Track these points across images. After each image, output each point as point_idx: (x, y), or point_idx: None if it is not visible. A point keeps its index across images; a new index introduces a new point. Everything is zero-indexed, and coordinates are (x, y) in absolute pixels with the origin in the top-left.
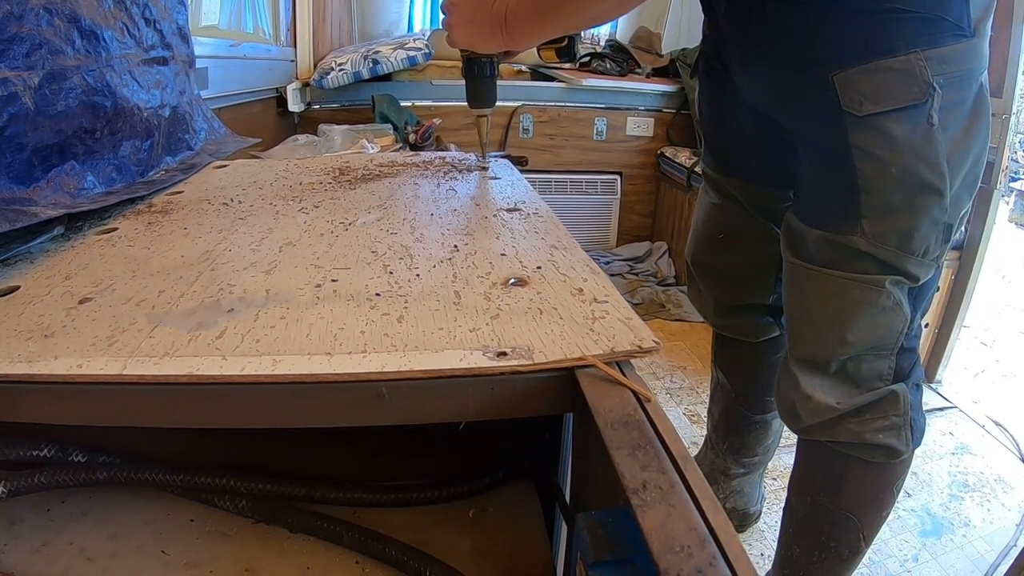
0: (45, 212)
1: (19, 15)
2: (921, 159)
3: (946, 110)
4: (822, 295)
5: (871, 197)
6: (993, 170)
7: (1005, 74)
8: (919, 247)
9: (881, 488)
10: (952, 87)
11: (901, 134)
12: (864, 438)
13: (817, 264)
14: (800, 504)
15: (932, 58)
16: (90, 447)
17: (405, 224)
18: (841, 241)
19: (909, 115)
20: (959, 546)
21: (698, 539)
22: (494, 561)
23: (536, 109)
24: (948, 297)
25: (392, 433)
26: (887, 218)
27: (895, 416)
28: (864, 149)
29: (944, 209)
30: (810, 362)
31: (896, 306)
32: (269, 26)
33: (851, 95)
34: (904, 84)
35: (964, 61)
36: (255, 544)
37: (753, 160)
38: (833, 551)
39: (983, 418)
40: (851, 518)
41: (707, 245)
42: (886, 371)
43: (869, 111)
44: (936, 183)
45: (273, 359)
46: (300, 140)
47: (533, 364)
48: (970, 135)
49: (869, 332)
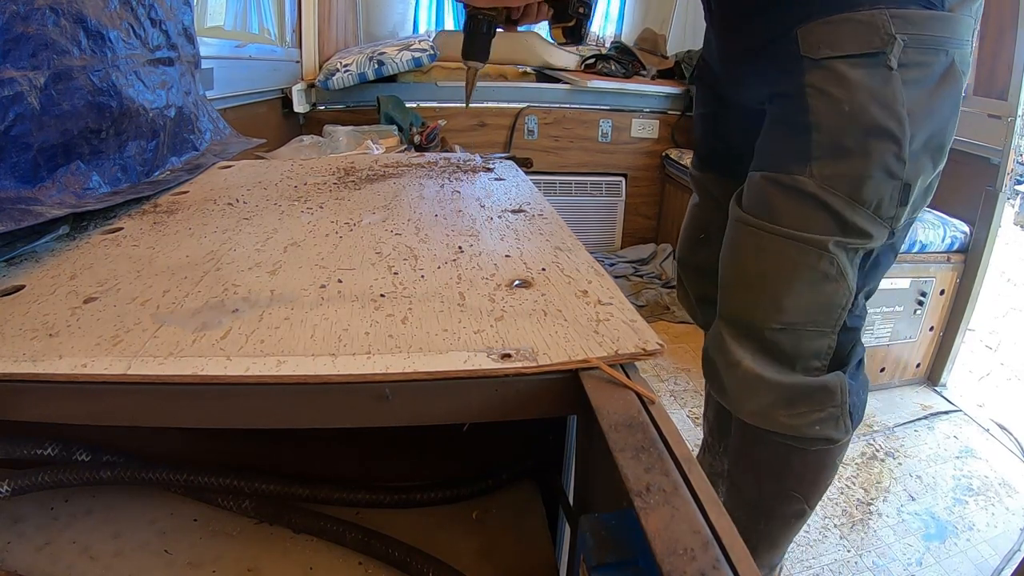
0: (50, 212)
1: (25, 15)
2: (877, 101)
3: (909, 67)
4: (758, 254)
5: (822, 135)
6: (998, 173)
7: (1010, 77)
8: (871, 198)
9: (823, 468)
10: (916, 49)
11: (856, 77)
12: (801, 431)
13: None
14: (743, 481)
15: (897, 16)
16: (94, 446)
17: (410, 225)
18: (787, 181)
19: (866, 61)
20: (963, 550)
21: (701, 542)
22: (497, 562)
23: (541, 111)
24: (953, 300)
25: (396, 434)
26: (838, 161)
27: (832, 407)
28: (818, 87)
29: (901, 161)
30: (741, 324)
31: (840, 276)
32: (274, 27)
33: (810, 42)
34: (864, 34)
35: (931, 29)
36: (258, 544)
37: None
38: (779, 520)
39: (988, 421)
40: (795, 495)
41: (689, 245)
42: (824, 350)
43: (826, 55)
44: (892, 128)
45: (277, 360)
46: (305, 141)
47: (537, 366)
48: (935, 98)
49: (808, 300)
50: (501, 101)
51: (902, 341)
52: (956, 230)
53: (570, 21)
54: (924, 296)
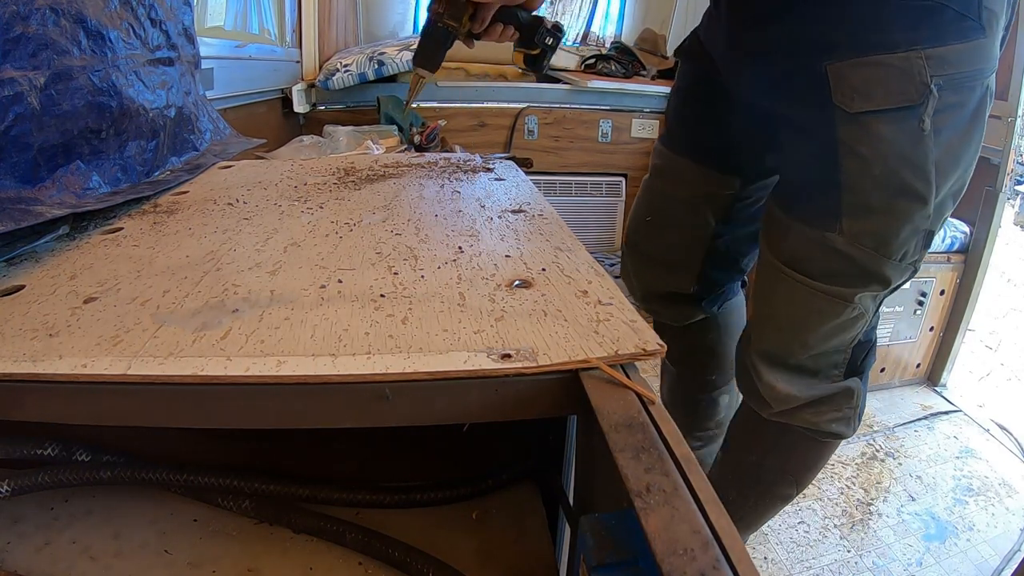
0: (50, 211)
1: (25, 15)
2: (908, 164)
3: (942, 113)
4: (789, 301)
5: (852, 196)
6: (998, 173)
7: (1011, 77)
8: (896, 251)
9: (823, 458)
10: (952, 89)
11: (889, 135)
12: (819, 427)
13: (790, 265)
14: (744, 461)
15: (933, 57)
16: (94, 446)
17: (410, 225)
18: (818, 238)
19: (900, 116)
20: (963, 550)
21: (702, 542)
22: (497, 563)
23: (541, 111)
24: (953, 300)
25: (396, 434)
26: (866, 219)
27: (848, 408)
28: (850, 146)
29: (927, 216)
30: (772, 356)
31: (860, 315)
32: (274, 27)
33: (843, 88)
34: (899, 83)
35: (969, 62)
36: (258, 544)
37: (710, 142)
38: (768, 499)
39: (988, 422)
40: (791, 479)
41: (637, 227)
42: (840, 362)
43: (860, 108)
44: (921, 190)
45: (277, 360)
46: (305, 141)
47: (537, 366)
48: (965, 142)
49: (829, 337)
50: (501, 101)
51: (902, 341)
52: (956, 230)
53: (535, 49)
54: (924, 296)
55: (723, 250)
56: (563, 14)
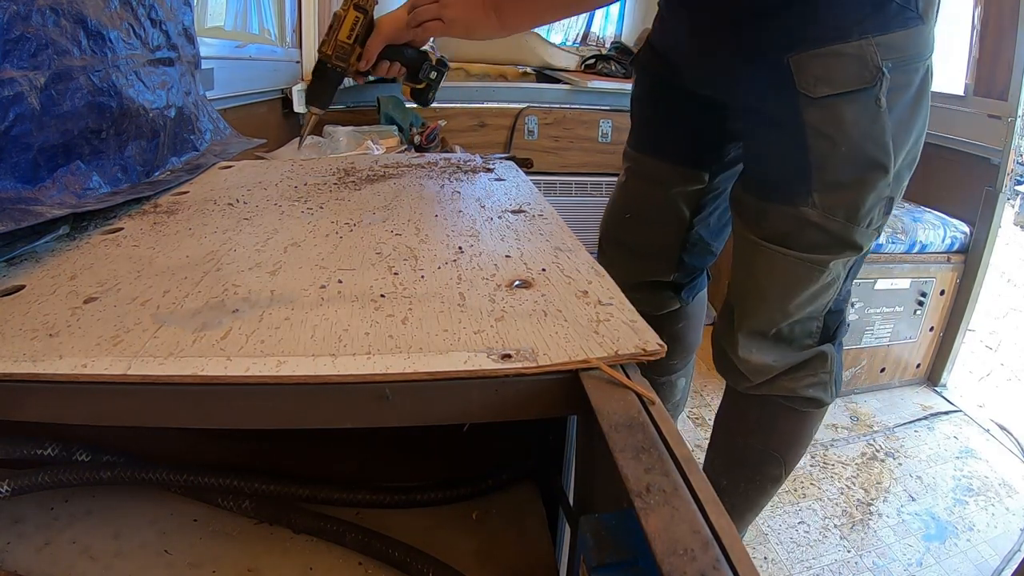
0: (50, 212)
1: (25, 15)
2: (870, 139)
3: (893, 92)
4: (770, 271)
5: (823, 173)
6: (998, 173)
7: (1010, 77)
8: (864, 219)
9: (805, 432)
10: (899, 71)
11: (851, 115)
12: (797, 392)
13: (769, 240)
14: (730, 444)
15: (882, 44)
16: (94, 446)
17: (410, 225)
18: (793, 213)
19: (859, 97)
20: (963, 550)
21: (702, 542)
22: (497, 563)
23: (541, 111)
24: (953, 300)
25: (396, 434)
26: (836, 192)
27: (823, 373)
28: (817, 128)
29: (888, 184)
30: (754, 330)
31: (833, 281)
32: (275, 27)
33: (806, 77)
34: (855, 67)
35: (912, 46)
36: (258, 544)
37: (675, 142)
38: (758, 484)
39: (988, 422)
40: (776, 456)
41: (615, 221)
42: (814, 330)
43: (823, 93)
44: (883, 161)
45: (277, 360)
46: (305, 141)
47: (537, 366)
48: (914, 115)
49: (806, 304)
50: (501, 101)
51: (902, 341)
52: (956, 230)
53: (420, 84)
54: (924, 296)
55: (696, 239)
56: None
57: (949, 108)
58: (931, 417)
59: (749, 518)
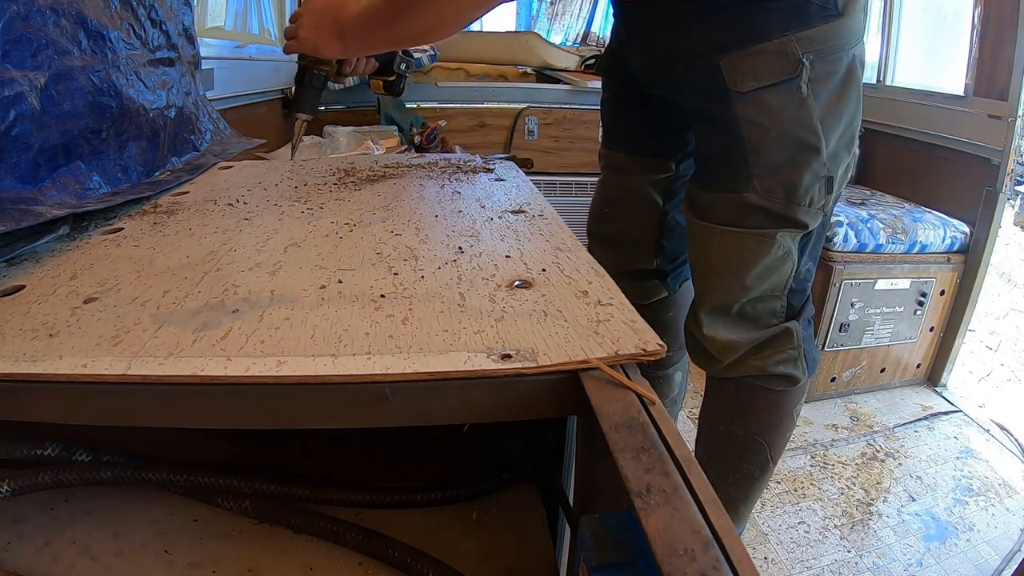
0: (51, 212)
1: (26, 15)
2: (797, 122)
3: (816, 81)
4: (723, 248)
5: (759, 157)
6: (998, 173)
7: (1010, 77)
8: (804, 198)
9: (784, 412)
10: (822, 61)
11: (777, 103)
12: (767, 370)
13: (718, 223)
14: (713, 434)
15: (803, 38)
16: (94, 446)
17: (410, 225)
18: (737, 199)
19: (783, 87)
20: (963, 551)
21: (702, 542)
22: (497, 563)
23: (541, 111)
24: (953, 300)
25: (396, 435)
26: (773, 175)
27: (791, 349)
28: (748, 118)
29: (823, 164)
30: (716, 307)
31: (786, 254)
32: (275, 27)
33: (735, 75)
34: (778, 63)
35: (833, 39)
36: (258, 544)
37: (641, 137)
38: (746, 472)
39: (988, 422)
40: (759, 441)
41: (597, 217)
42: (779, 309)
43: (750, 87)
44: (813, 142)
45: (277, 360)
46: (305, 141)
47: (537, 367)
48: (842, 100)
49: (764, 276)
50: (501, 101)
51: (902, 341)
52: (956, 230)
53: (392, 76)
54: (924, 296)
55: (673, 223)
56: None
57: (949, 108)
58: (931, 417)
59: (744, 511)
